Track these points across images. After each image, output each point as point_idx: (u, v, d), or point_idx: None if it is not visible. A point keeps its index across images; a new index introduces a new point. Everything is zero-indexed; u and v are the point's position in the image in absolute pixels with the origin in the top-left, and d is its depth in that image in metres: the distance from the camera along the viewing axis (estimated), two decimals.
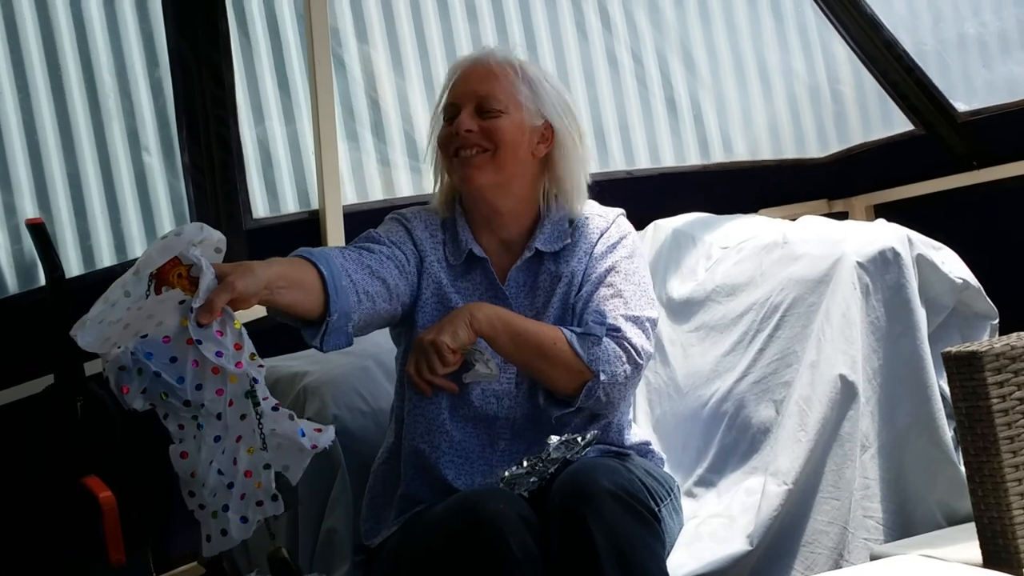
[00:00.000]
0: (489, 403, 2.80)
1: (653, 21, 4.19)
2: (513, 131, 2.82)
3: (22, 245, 3.50)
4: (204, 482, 2.40)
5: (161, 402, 2.39)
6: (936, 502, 3.02)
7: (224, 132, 3.58)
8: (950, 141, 4.00)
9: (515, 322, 2.76)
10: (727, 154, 4.27)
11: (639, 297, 2.83)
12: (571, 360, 2.74)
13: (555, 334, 2.76)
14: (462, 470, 2.78)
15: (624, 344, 2.77)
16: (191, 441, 2.41)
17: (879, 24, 4.02)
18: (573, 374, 2.75)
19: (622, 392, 2.79)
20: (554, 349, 2.74)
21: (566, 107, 2.90)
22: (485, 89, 2.83)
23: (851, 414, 2.97)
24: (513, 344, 2.75)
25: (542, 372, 2.77)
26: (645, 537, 2.56)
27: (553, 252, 2.86)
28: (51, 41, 3.59)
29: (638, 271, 2.87)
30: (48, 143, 3.58)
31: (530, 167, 2.86)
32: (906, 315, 3.05)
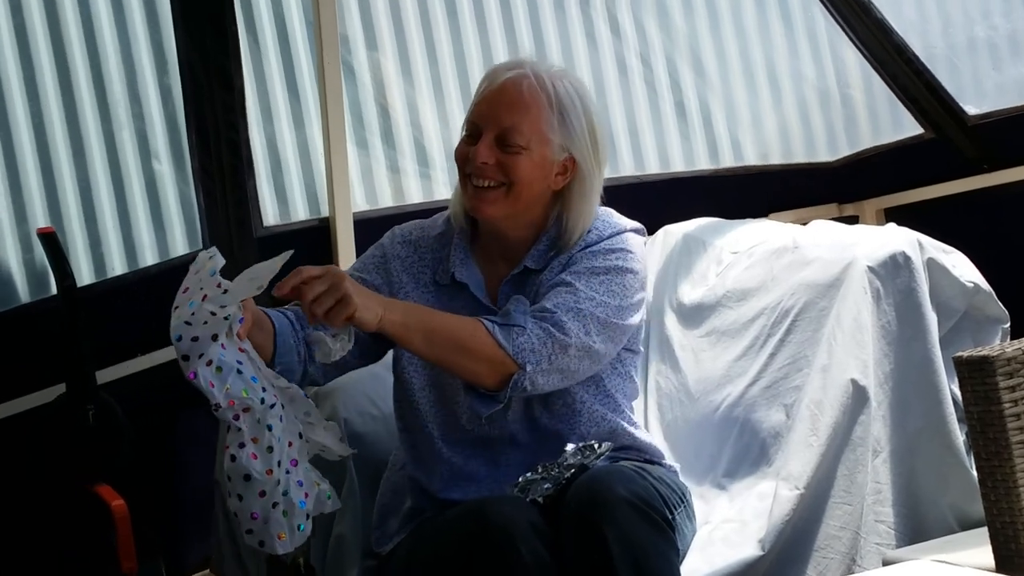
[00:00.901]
0: (481, 425, 2.76)
1: (662, 26, 4.19)
2: (531, 170, 2.72)
3: (33, 254, 3.51)
4: (279, 480, 2.45)
5: (241, 399, 2.44)
6: (948, 506, 3.01)
7: (234, 139, 3.59)
8: (960, 144, 3.99)
9: (430, 320, 2.64)
10: (737, 158, 4.26)
11: (597, 300, 2.70)
12: (493, 352, 2.63)
13: (473, 326, 2.64)
14: (469, 492, 2.75)
15: (548, 327, 2.65)
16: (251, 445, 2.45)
17: (888, 28, 4.02)
18: (496, 366, 2.64)
19: (550, 380, 2.68)
20: (473, 342, 2.62)
21: (595, 134, 2.78)
22: (510, 120, 2.71)
23: (863, 418, 2.97)
24: (428, 343, 2.62)
25: (463, 368, 2.65)
26: (660, 545, 2.55)
27: (539, 268, 2.80)
28: (61, 49, 3.60)
29: (610, 282, 2.74)
30: (59, 152, 3.59)
31: (545, 198, 2.78)
32: (917, 319, 3.05)
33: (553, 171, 2.76)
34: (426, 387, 2.80)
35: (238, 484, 2.44)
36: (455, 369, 2.67)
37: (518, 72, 2.75)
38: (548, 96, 2.72)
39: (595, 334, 2.69)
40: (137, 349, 3.50)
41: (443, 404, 2.79)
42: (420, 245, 2.85)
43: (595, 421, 2.78)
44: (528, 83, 2.73)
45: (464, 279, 2.79)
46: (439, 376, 2.78)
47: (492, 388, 2.67)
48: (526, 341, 2.64)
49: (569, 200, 2.79)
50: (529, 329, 2.65)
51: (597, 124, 2.79)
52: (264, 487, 2.44)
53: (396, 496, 2.84)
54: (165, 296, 3.56)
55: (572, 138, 2.74)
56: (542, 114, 2.72)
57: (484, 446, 2.78)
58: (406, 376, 2.81)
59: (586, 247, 2.77)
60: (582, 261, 2.75)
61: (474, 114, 2.77)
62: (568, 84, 2.77)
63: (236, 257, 3.59)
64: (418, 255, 2.84)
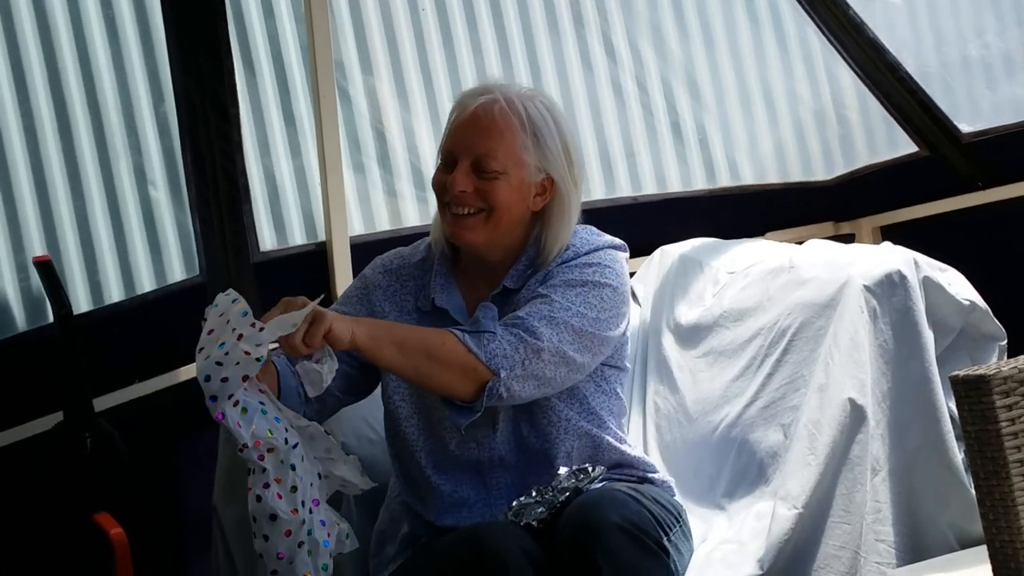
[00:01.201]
0: (469, 448, 2.77)
1: (657, 49, 4.20)
2: (510, 194, 2.75)
3: (30, 282, 3.51)
4: (304, 519, 2.48)
5: (266, 439, 2.47)
6: (948, 525, 3.01)
7: (230, 166, 3.59)
8: (955, 162, 4.00)
9: (398, 331, 2.65)
10: (733, 178, 4.27)
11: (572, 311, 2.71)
12: (465, 360, 2.63)
13: (443, 336, 2.65)
14: (462, 518, 2.75)
15: (519, 333, 2.66)
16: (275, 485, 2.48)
17: (882, 47, 4.03)
18: (469, 373, 2.64)
19: (526, 387, 2.68)
20: (443, 350, 2.62)
21: (569, 153, 2.80)
22: (484, 147, 2.73)
23: (860, 437, 2.97)
24: (400, 354, 2.62)
25: (436, 378, 2.65)
26: (654, 571, 2.55)
27: (518, 288, 2.81)
28: (56, 77, 3.61)
29: (586, 294, 2.74)
30: (55, 180, 3.60)
31: (525, 219, 2.80)
32: (914, 338, 3.05)
33: (532, 192, 2.77)
34: (413, 415, 2.80)
35: (264, 524, 2.45)
36: (430, 381, 2.66)
37: (488, 97, 2.76)
38: (520, 119, 2.74)
39: (568, 342, 2.69)
40: (135, 376, 3.50)
41: (431, 431, 2.79)
42: (401, 273, 2.86)
43: (580, 438, 2.78)
44: (499, 107, 2.74)
45: (444, 304, 2.80)
46: (424, 403, 2.79)
47: (468, 398, 2.67)
48: (498, 347, 2.64)
49: (548, 219, 2.80)
50: (499, 335, 2.65)
51: (571, 141, 2.81)
52: (290, 526, 2.45)
53: (393, 523, 2.84)
54: (162, 323, 3.61)
55: (548, 158, 2.76)
56: (516, 137, 2.73)
57: (474, 470, 2.78)
58: (393, 406, 2.82)
59: (563, 263, 2.79)
60: (559, 275, 2.76)
61: (448, 143, 2.78)
62: (539, 104, 2.78)
63: (233, 283, 3.59)
64: (400, 283, 2.85)
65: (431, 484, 2.78)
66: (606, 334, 2.76)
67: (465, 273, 2.85)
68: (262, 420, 2.48)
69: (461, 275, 2.85)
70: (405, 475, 2.83)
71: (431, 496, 2.78)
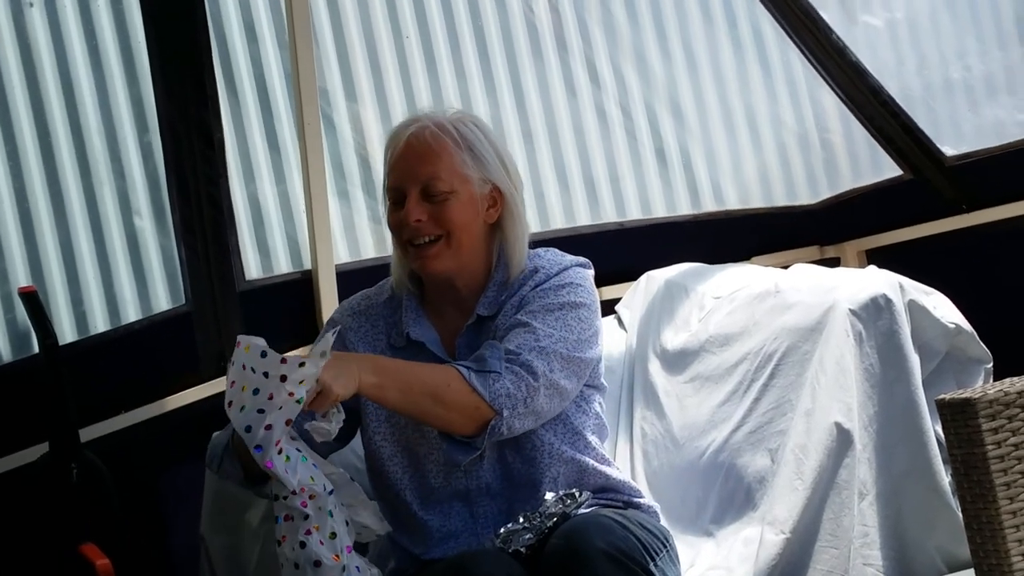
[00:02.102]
0: (456, 479, 2.78)
1: (641, 74, 4.21)
2: (463, 211, 2.77)
3: (15, 314, 3.50)
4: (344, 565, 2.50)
5: (309, 486, 2.50)
6: (936, 548, 3.01)
7: (215, 193, 3.59)
8: (938, 185, 4.01)
9: (405, 375, 2.65)
10: (718, 203, 4.28)
11: (556, 337, 2.72)
12: (469, 400, 2.65)
13: (448, 376, 2.66)
14: (449, 549, 2.75)
15: (518, 371, 2.67)
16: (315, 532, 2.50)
17: (864, 71, 4.04)
18: (471, 413, 2.66)
19: (524, 423, 2.70)
20: (449, 392, 2.64)
21: (505, 162, 2.84)
22: (427, 172, 2.76)
23: (847, 461, 2.97)
24: (404, 398, 2.64)
25: (439, 419, 2.67)
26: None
27: (492, 315, 2.82)
28: (40, 106, 3.60)
29: (565, 317, 2.76)
30: (39, 210, 3.59)
31: (484, 235, 2.83)
32: (900, 361, 3.05)
33: (484, 205, 2.81)
34: (396, 454, 2.80)
35: (308, 570, 2.46)
36: (430, 420, 2.69)
37: (417, 125, 2.80)
38: (452, 137, 2.78)
39: (559, 371, 2.71)
40: (120, 406, 3.49)
41: (415, 468, 2.79)
42: (371, 313, 2.88)
43: (565, 463, 2.79)
44: (430, 131, 2.78)
45: (420, 337, 2.81)
46: (407, 441, 2.79)
47: (468, 435, 2.68)
48: (501, 387, 2.66)
49: (504, 229, 2.83)
50: (503, 375, 2.66)
51: (503, 151, 2.86)
52: (332, 572, 2.45)
53: (380, 559, 2.83)
54: (148, 353, 3.60)
55: (488, 169, 2.80)
56: (454, 156, 2.77)
57: (461, 500, 2.77)
58: (374, 446, 2.82)
59: (536, 286, 2.80)
60: (535, 300, 2.77)
61: (391, 180, 2.81)
62: (467, 122, 2.84)
63: (219, 311, 3.59)
64: (370, 323, 2.86)
65: (418, 520, 2.77)
66: (588, 356, 2.79)
67: (434, 306, 2.86)
68: (304, 467, 2.50)
69: (430, 308, 2.86)
70: (391, 512, 2.82)
71: (418, 531, 2.78)
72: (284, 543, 2.48)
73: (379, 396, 2.63)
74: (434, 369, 2.69)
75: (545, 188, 4.09)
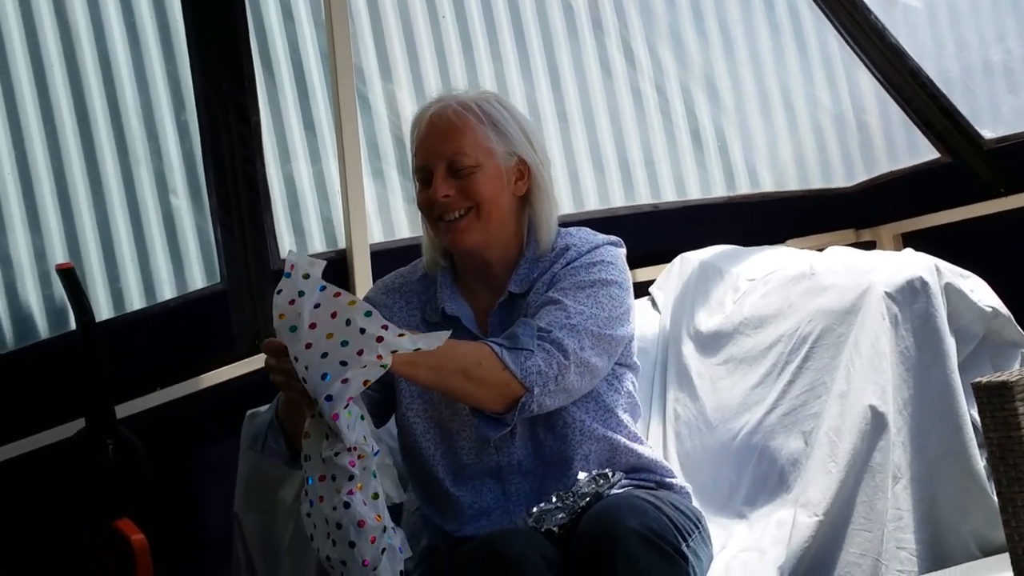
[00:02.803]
0: (488, 455, 2.78)
1: (676, 55, 4.19)
2: (491, 184, 2.79)
3: (52, 291, 3.53)
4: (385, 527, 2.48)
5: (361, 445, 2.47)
6: (970, 532, 2.99)
7: (251, 172, 3.61)
8: (976, 168, 3.99)
9: (435, 353, 2.59)
10: (753, 185, 4.26)
11: (587, 314, 2.73)
12: (500, 378, 2.65)
13: (480, 353, 2.66)
14: (481, 527, 2.75)
15: (549, 348, 2.67)
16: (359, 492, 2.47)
17: (903, 53, 4.02)
18: (502, 390, 2.66)
19: (555, 400, 2.71)
20: (480, 370, 2.64)
21: (528, 135, 2.85)
22: (452, 147, 2.77)
23: (881, 444, 2.96)
24: (436, 375, 2.63)
25: (470, 395, 2.68)
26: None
27: (523, 292, 2.83)
28: (78, 85, 3.62)
29: (596, 294, 2.76)
30: (77, 188, 3.61)
31: (513, 209, 2.84)
32: (936, 344, 3.04)
33: (511, 178, 2.82)
34: (429, 430, 2.81)
35: (351, 531, 2.43)
36: (461, 397, 2.70)
37: (439, 104, 2.83)
38: (474, 113, 2.80)
39: (589, 348, 2.72)
40: (156, 383, 3.52)
41: (448, 444, 2.80)
42: (405, 290, 2.89)
43: (596, 439, 2.79)
44: (452, 109, 2.80)
45: (455, 312, 2.82)
46: (440, 417, 2.80)
47: (498, 412, 2.69)
48: (533, 364, 2.66)
49: (533, 202, 2.84)
50: (535, 352, 2.67)
51: (526, 124, 2.87)
52: (375, 533, 2.45)
53: (413, 538, 2.83)
54: (184, 331, 3.62)
55: (512, 141, 2.81)
56: (477, 131, 2.79)
57: (493, 477, 2.78)
58: (407, 423, 2.83)
59: (567, 264, 2.81)
60: (566, 278, 2.78)
61: (418, 160, 2.83)
62: (488, 98, 2.86)
63: (254, 290, 3.60)
64: (404, 300, 2.87)
65: (450, 496, 2.78)
66: (619, 333, 2.79)
67: (467, 284, 2.87)
68: (360, 426, 2.47)
69: (463, 286, 2.87)
70: (423, 489, 2.83)
71: (451, 508, 2.78)
72: (323, 503, 2.46)
73: (411, 374, 2.63)
74: (466, 346, 2.70)
75: (580, 170, 4.09)
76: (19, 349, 3.51)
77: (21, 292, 3.52)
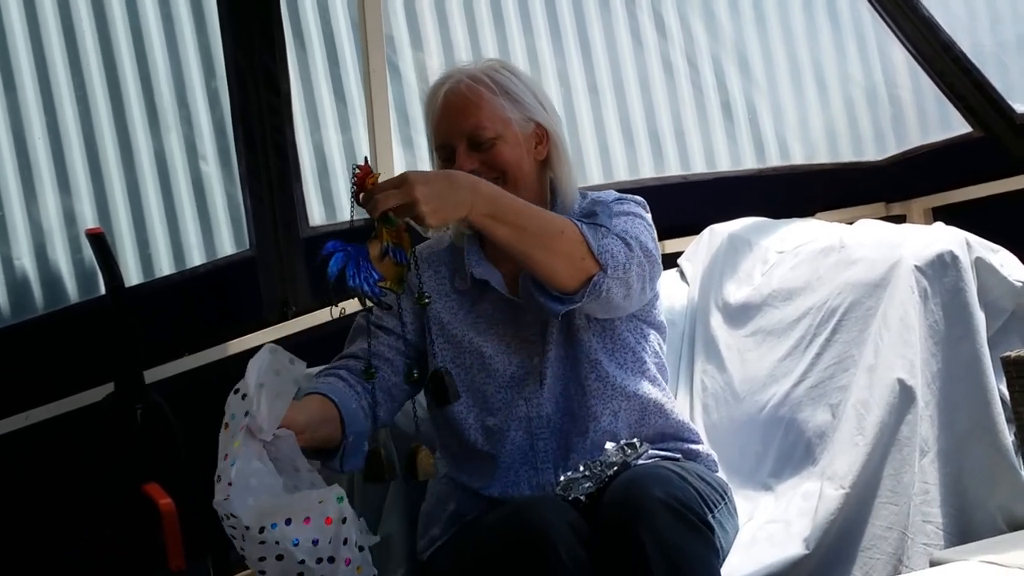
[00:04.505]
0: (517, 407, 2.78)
1: (708, 27, 4.18)
2: (513, 152, 2.79)
3: (82, 255, 3.55)
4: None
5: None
6: (997, 507, 2.99)
7: (280, 140, 3.61)
8: (1009, 143, 3.96)
9: (521, 214, 2.61)
10: (783, 158, 4.25)
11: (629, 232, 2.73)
12: (577, 251, 2.63)
13: (563, 223, 2.64)
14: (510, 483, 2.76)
15: (615, 236, 2.68)
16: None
17: (936, 26, 3.99)
18: (578, 264, 2.64)
19: (618, 291, 2.69)
20: (561, 239, 2.62)
21: (540, 100, 2.85)
22: (470, 123, 2.77)
23: (909, 418, 2.95)
24: (516, 236, 2.60)
25: (544, 264, 2.64)
26: (698, 548, 2.54)
27: None
28: (110, 53, 3.64)
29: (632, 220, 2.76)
30: (107, 154, 3.63)
31: (536, 173, 2.84)
32: (965, 319, 3.02)
33: (531, 144, 2.82)
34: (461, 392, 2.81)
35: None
36: (536, 264, 2.65)
37: (451, 81, 2.82)
38: (487, 85, 2.79)
39: (639, 259, 2.72)
40: (184, 348, 3.53)
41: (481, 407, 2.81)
42: (433, 260, 2.89)
43: (626, 396, 2.79)
44: (464, 84, 2.80)
45: (485, 276, 2.82)
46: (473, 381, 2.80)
47: (570, 288, 2.66)
48: (609, 244, 2.67)
49: (554, 165, 2.85)
50: (610, 233, 2.69)
51: (535, 85, 2.87)
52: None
53: (439, 504, 2.84)
54: (212, 296, 3.63)
55: (527, 108, 2.81)
56: (493, 102, 2.78)
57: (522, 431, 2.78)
58: None
59: (594, 205, 2.82)
60: (600, 214, 2.77)
61: (437, 138, 2.83)
62: (498, 67, 2.85)
63: (283, 257, 3.61)
64: (433, 269, 2.88)
65: (480, 453, 2.78)
66: (657, 256, 2.80)
67: (494, 250, 2.86)
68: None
69: (490, 253, 2.87)
70: (452, 450, 2.84)
71: (480, 465, 2.79)
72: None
73: (489, 228, 2.59)
74: (549, 214, 2.68)
75: (610, 141, 4.08)
76: (49, 313, 3.54)
77: (51, 256, 3.55)
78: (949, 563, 2.67)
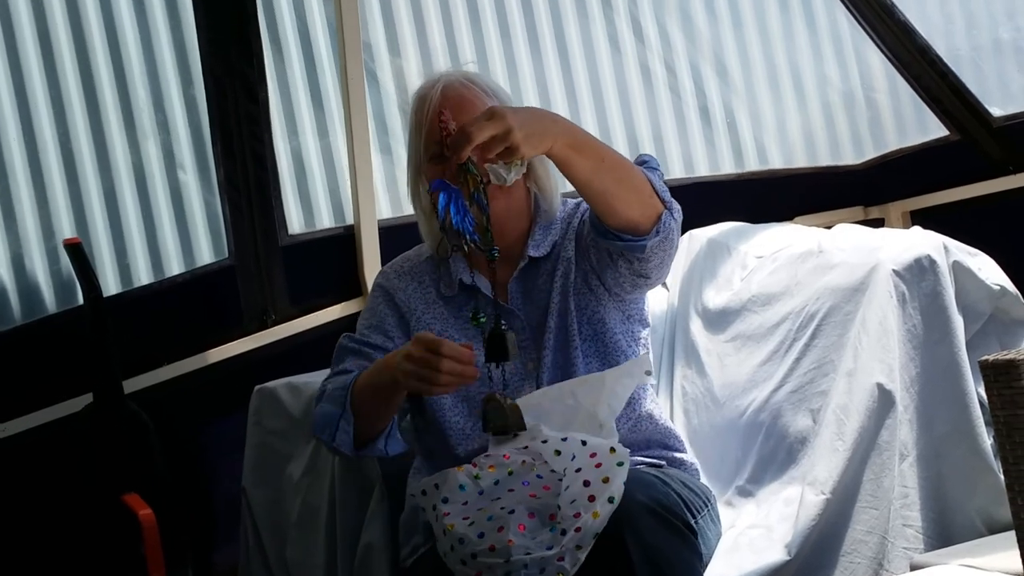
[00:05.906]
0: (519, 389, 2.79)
1: (685, 31, 4.19)
2: None
3: (60, 265, 3.53)
4: None
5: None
6: (976, 510, 2.99)
7: (259, 148, 3.61)
8: (986, 146, 3.98)
9: (599, 147, 2.62)
10: (762, 162, 4.26)
11: None
12: (646, 187, 2.65)
13: (632, 163, 2.68)
14: None
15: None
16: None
17: (912, 30, 4.01)
18: (647, 200, 2.66)
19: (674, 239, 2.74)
20: (634, 174, 2.64)
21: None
22: (464, 120, 2.71)
23: (889, 422, 2.96)
24: (594, 168, 2.59)
25: (620, 197, 2.64)
26: (682, 552, 2.55)
27: (545, 255, 2.85)
28: (85, 59, 3.62)
29: None
30: (84, 163, 3.61)
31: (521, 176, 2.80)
32: (943, 322, 3.03)
33: None
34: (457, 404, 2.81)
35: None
36: (612, 197, 2.65)
37: (445, 79, 2.84)
38: (479, 86, 2.83)
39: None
40: (163, 358, 3.52)
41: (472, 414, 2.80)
42: (415, 272, 2.90)
43: None
44: (459, 82, 2.82)
45: (476, 283, 2.82)
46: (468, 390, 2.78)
47: (642, 225, 2.68)
48: (664, 187, 2.71)
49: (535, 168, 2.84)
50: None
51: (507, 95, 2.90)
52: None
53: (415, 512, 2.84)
54: (191, 306, 3.62)
55: None
56: (488, 101, 2.79)
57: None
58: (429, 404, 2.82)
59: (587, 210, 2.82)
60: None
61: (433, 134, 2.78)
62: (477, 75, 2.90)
63: (262, 265, 3.60)
64: (416, 280, 2.88)
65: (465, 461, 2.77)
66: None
67: (479, 259, 2.86)
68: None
69: (475, 261, 2.86)
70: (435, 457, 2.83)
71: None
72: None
73: (570, 160, 2.58)
74: (619, 154, 2.68)
75: None
76: (27, 324, 3.52)
77: (29, 266, 3.53)
78: (929, 567, 2.68)
